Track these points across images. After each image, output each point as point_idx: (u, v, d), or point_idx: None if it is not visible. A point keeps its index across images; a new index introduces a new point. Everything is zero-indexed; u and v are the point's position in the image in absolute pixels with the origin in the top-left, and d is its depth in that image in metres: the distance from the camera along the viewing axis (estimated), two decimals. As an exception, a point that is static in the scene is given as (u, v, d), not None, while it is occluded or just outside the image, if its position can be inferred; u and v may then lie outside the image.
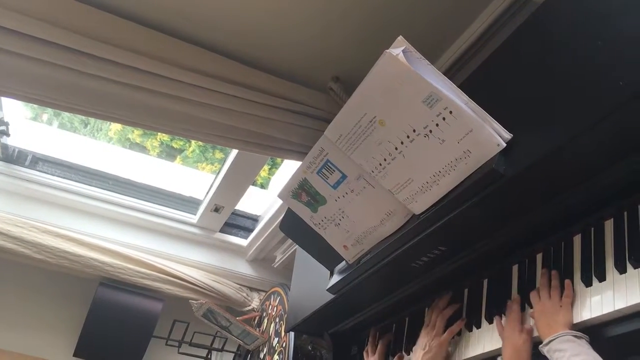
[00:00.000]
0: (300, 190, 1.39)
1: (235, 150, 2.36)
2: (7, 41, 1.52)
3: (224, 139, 1.89)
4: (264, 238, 2.87)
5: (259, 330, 2.83)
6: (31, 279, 2.91)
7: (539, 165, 1.04)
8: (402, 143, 1.17)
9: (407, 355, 1.57)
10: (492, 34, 1.60)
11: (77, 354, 2.77)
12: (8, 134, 2.56)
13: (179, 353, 2.95)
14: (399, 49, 1.09)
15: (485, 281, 1.38)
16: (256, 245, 2.96)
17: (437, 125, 1.11)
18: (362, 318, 1.73)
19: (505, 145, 1.09)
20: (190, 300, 2.75)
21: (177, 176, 3.58)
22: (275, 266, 3.09)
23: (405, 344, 1.60)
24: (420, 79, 1.08)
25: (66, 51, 1.56)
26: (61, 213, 2.74)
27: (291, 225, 1.59)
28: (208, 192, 2.80)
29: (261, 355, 2.74)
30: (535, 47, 1.18)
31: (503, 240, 1.26)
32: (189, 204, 2.99)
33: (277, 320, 2.67)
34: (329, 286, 1.56)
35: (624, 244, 1.05)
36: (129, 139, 7.39)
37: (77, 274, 2.73)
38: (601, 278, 1.07)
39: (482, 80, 1.32)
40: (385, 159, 1.22)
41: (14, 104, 2.63)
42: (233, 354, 3.10)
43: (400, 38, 1.11)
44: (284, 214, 1.66)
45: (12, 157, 2.70)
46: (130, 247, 2.81)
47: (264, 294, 3.05)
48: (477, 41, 1.64)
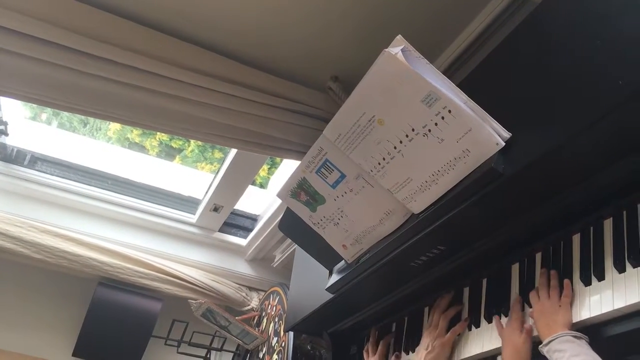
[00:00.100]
0: (299, 189, 1.39)
1: (235, 149, 2.36)
2: (7, 41, 1.51)
3: (223, 139, 1.89)
4: (263, 238, 2.87)
5: (258, 329, 2.83)
6: (30, 278, 2.90)
7: (538, 164, 1.04)
8: (401, 142, 1.17)
9: (407, 355, 1.57)
10: (491, 34, 1.60)
11: (76, 353, 2.77)
12: (7, 134, 2.56)
13: (178, 353, 2.95)
14: (397, 48, 1.09)
15: (484, 280, 1.38)
16: (255, 245, 2.96)
17: (436, 124, 1.11)
18: (362, 317, 1.73)
19: (504, 144, 1.09)
20: (190, 300, 2.75)
21: (176, 176, 3.58)
22: (274, 266, 3.09)
23: (404, 344, 1.60)
24: (419, 78, 1.08)
25: (65, 50, 1.56)
26: (60, 213, 2.74)
27: (290, 225, 1.59)
28: (207, 192, 2.80)
29: (260, 355, 2.73)
30: (534, 47, 1.18)
31: (502, 239, 1.26)
32: (188, 204, 2.99)
33: (276, 319, 2.67)
34: (328, 285, 1.56)
35: (623, 243, 1.05)
36: (128, 138, 7.38)
37: (76, 274, 2.73)
38: (600, 277, 1.07)
39: (481, 80, 1.32)
40: (384, 158, 1.22)
41: (13, 104, 2.62)
42: (232, 354, 3.10)
43: (399, 37, 1.11)
44: (283, 214, 1.66)
45: (11, 157, 2.69)
46: (129, 247, 2.80)
47: (263, 293, 3.05)
48: (476, 40, 1.64)
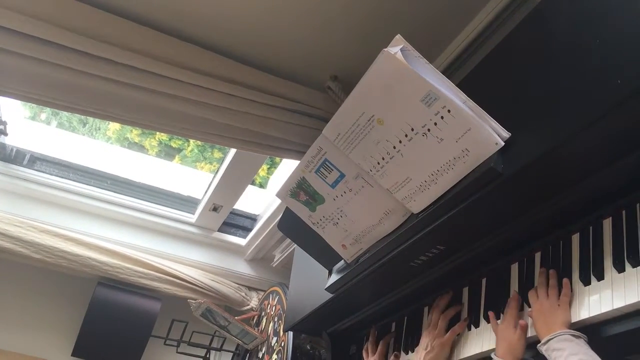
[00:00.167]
0: (298, 189, 1.39)
1: (234, 149, 2.35)
2: (6, 40, 1.51)
3: (222, 138, 1.89)
4: (262, 237, 2.87)
5: (258, 329, 2.83)
6: (29, 278, 2.90)
7: (537, 164, 1.03)
8: (401, 142, 1.17)
9: (406, 355, 1.57)
10: (491, 33, 1.60)
11: (76, 353, 2.77)
12: (6, 133, 2.56)
13: (177, 352, 2.95)
14: (397, 48, 1.09)
15: (483, 280, 1.38)
16: (255, 245, 2.95)
17: (436, 124, 1.11)
18: (361, 317, 1.73)
19: (503, 144, 1.08)
20: (189, 300, 2.75)
21: (176, 175, 3.59)
22: (273, 265, 3.09)
23: (403, 343, 1.59)
24: (419, 77, 1.07)
25: (64, 50, 1.56)
26: (59, 212, 2.74)
27: (289, 225, 1.59)
28: (206, 192, 2.80)
29: (260, 355, 2.73)
30: (533, 46, 1.18)
31: (501, 239, 1.25)
32: (188, 204, 2.99)
33: (276, 319, 2.67)
34: (327, 285, 1.56)
35: (623, 243, 1.05)
36: (128, 138, 7.37)
37: (76, 274, 2.73)
38: (599, 277, 1.07)
39: (481, 79, 1.32)
40: (383, 158, 1.21)
41: (12, 103, 2.62)
42: (232, 354, 3.10)
43: (398, 37, 1.11)
44: (282, 214, 1.66)
45: (10, 157, 2.69)
46: (128, 247, 2.80)
47: (262, 293, 3.05)
48: (476, 40, 1.64)
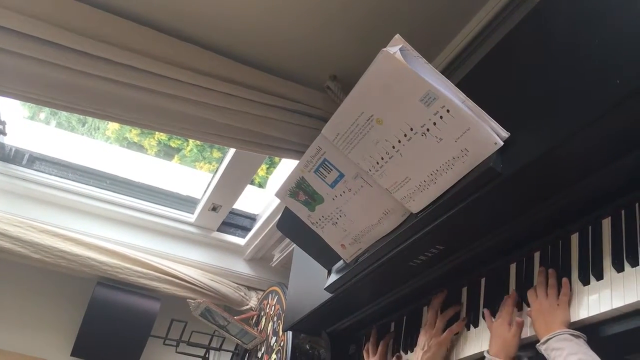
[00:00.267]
0: (297, 189, 1.39)
1: (233, 149, 2.35)
2: (5, 40, 1.51)
3: (221, 138, 1.89)
4: (261, 237, 2.87)
5: (257, 329, 2.83)
6: (28, 278, 2.90)
7: (537, 163, 1.03)
8: (400, 142, 1.17)
9: (406, 355, 1.57)
10: (490, 33, 1.60)
11: (75, 353, 2.77)
12: (5, 133, 2.56)
13: (176, 352, 2.95)
14: (396, 47, 1.09)
15: (482, 280, 1.38)
16: (254, 245, 2.95)
17: (435, 124, 1.11)
18: (360, 317, 1.73)
19: (502, 143, 1.08)
20: (188, 300, 2.75)
21: (175, 175, 3.58)
22: (273, 265, 3.09)
23: (403, 343, 1.59)
24: (418, 77, 1.07)
25: (63, 50, 1.56)
26: (59, 212, 2.74)
27: (289, 225, 1.59)
28: (206, 191, 2.80)
29: (259, 355, 2.73)
30: (533, 46, 1.18)
31: (501, 238, 1.25)
32: (187, 203, 2.99)
33: (275, 319, 2.67)
34: (326, 285, 1.56)
35: (622, 243, 1.05)
36: (127, 138, 7.37)
37: (75, 274, 2.73)
38: (599, 277, 1.07)
39: (480, 79, 1.32)
40: (382, 158, 1.21)
41: (11, 103, 2.61)
42: (231, 353, 3.10)
43: (397, 36, 1.11)
44: (281, 213, 1.66)
45: (9, 156, 2.69)
46: (127, 247, 2.80)
47: (261, 293, 3.05)
48: (475, 39, 1.64)
